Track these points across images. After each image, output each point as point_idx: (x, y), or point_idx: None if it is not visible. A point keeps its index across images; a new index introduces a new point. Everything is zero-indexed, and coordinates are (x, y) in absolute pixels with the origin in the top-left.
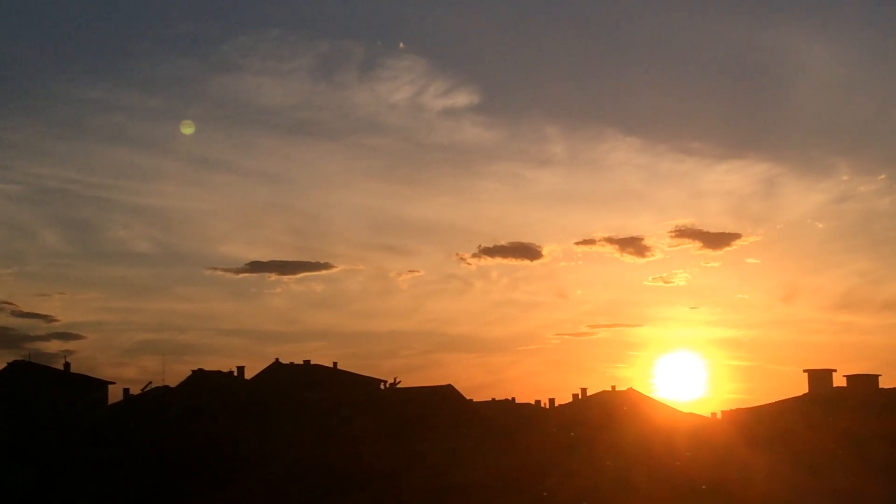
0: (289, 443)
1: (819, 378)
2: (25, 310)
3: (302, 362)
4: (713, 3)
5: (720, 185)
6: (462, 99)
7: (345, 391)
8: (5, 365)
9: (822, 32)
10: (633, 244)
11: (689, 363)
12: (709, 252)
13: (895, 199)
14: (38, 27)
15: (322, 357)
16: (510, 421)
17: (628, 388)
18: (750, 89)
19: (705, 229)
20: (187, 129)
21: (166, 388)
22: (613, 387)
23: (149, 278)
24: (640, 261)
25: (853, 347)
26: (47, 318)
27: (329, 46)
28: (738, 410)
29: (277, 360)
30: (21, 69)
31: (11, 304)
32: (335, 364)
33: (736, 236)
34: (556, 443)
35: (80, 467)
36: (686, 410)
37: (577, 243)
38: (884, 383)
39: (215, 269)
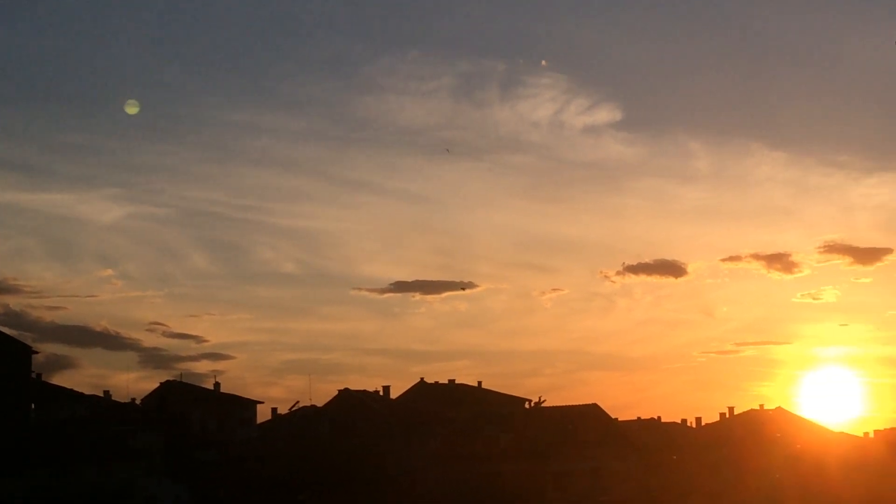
0: (433, 461)
1: None
2: (176, 330)
3: (446, 381)
4: (859, 11)
5: (870, 198)
6: (603, 115)
7: (489, 410)
8: (158, 385)
9: None
10: (780, 260)
11: (840, 381)
12: (859, 268)
13: None
14: (185, 52)
15: (466, 376)
16: (656, 440)
17: (777, 408)
18: None
19: (855, 244)
20: (132, 108)
21: (314, 407)
22: (761, 405)
23: (295, 299)
24: (787, 277)
25: None
26: (197, 339)
27: (469, 65)
28: (892, 430)
29: (422, 379)
30: (168, 94)
31: (163, 325)
32: (479, 383)
33: (888, 251)
34: (703, 463)
35: (231, 485)
36: (837, 430)
37: (723, 260)
38: None
39: (360, 289)
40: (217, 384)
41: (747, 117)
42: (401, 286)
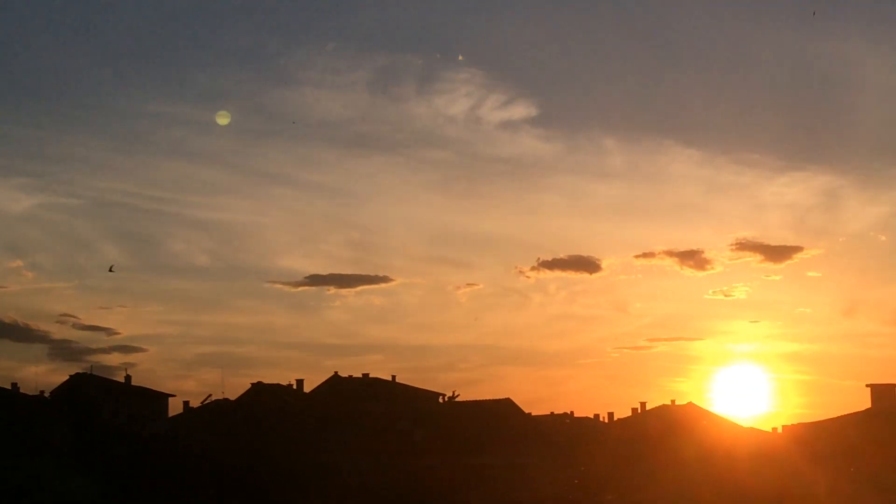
0: (347, 456)
1: (882, 393)
2: (87, 322)
3: (361, 376)
4: (773, 14)
5: (781, 197)
6: (520, 111)
7: (403, 405)
8: (68, 377)
9: (883, 42)
10: (692, 257)
11: (750, 377)
12: (770, 265)
13: None
14: (98, 44)
15: (381, 370)
16: (569, 435)
17: (688, 403)
18: (810, 100)
19: (766, 242)
20: (223, 119)
21: (226, 400)
22: (673, 401)
23: (208, 291)
24: (700, 274)
25: None
26: (108, 331)
27: (386, 59)
28: (800, 425)
29: (336, 373)
30: (81, 85)
31: (73, 317)
32: (394, 377)
33: (797, 249)
34: (616, 457)
35: (141, 478)
36: (747, 425)
37: (637, 256)
38: None
39: (274, 282)
40: (128, 377)
41: (662, 115)
42: (315, 280)
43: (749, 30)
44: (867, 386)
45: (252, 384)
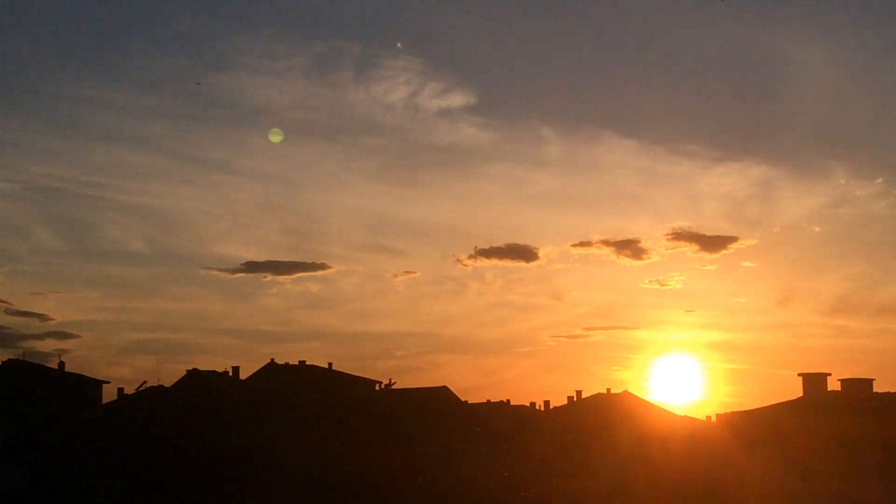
0: (283, 444)
1: (813, 382)
2: (20, 308)
3: (297, 363)
4: (710, 4)
5: (717, 187)
6: (458, 100)
7: (340, 392)
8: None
9: (819, 34)
10: (629, 247)
11: (685, 366)
12: (705, 255)
13: (891, 203)
14: (33, 25)
15: (317, 358)
16: (505, 423)
17: (623, 391)
18: (746, 91)
19: (702, 232)
20: (276, 136)
21: (161, 387)
22: (609, 389)
23: (144, 278)
24: (636, 263)
25: (848, 351)
26: (42, 317)
27: (325, 46)
28: (733, 414)
29: (273, 360)
30: (15, 67)
31: (6, 302)
32: (330, 365)
33: (733, 239)
34: (552, 445)
35: (74, 466)
36: (681, 413)
37: (574, 245)
38: (878, 387)
39: (211, 269)
40: (62, 363)
41: (600, 105)
42: (252, 266)
43: (688, 21)
44: (799, 375)
45: (188, 371)
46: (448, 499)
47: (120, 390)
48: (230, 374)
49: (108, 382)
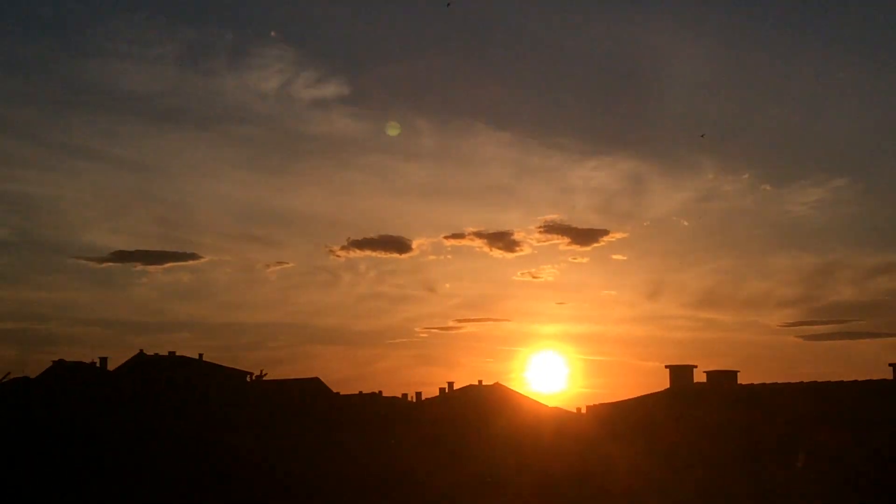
0: (152, 435)
1: (680, 373)
2: None
3: (167, 354)
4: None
5: (588, 181)
6: (332, 90)
7: (210, 383)
8: None
9: (688, 31)
10: (502, 239)
11: (556, 358)
12: (577, 248)
13: (758, 199)
14: None
15: (187, 349)
16: (377, 415)
17: (495, 383)
18: (617, 86)
19: (574, 225)
20: (393, 130)
21: (26, 378)
22: (480, 381)
23: (8, 266)
24: (509, 255)
25: (714, 344)
26: None
27: (197, 33)
28: (602, 405)
29: (141, 351)
30: None
31: None
32: (200, 356)
33: (603, 232)
34: (424, 437)
35: None
36: (552, 405)
37: (447, 237)
38: (742, 379)
39: (78, 258)
40: None
41: (473, 97)
42: (121, 256)
43: (558, 15)
44: (666, 367)
45: (53, 362)
46: (316, 490)
47: None
48: (98, 364)
49: None
